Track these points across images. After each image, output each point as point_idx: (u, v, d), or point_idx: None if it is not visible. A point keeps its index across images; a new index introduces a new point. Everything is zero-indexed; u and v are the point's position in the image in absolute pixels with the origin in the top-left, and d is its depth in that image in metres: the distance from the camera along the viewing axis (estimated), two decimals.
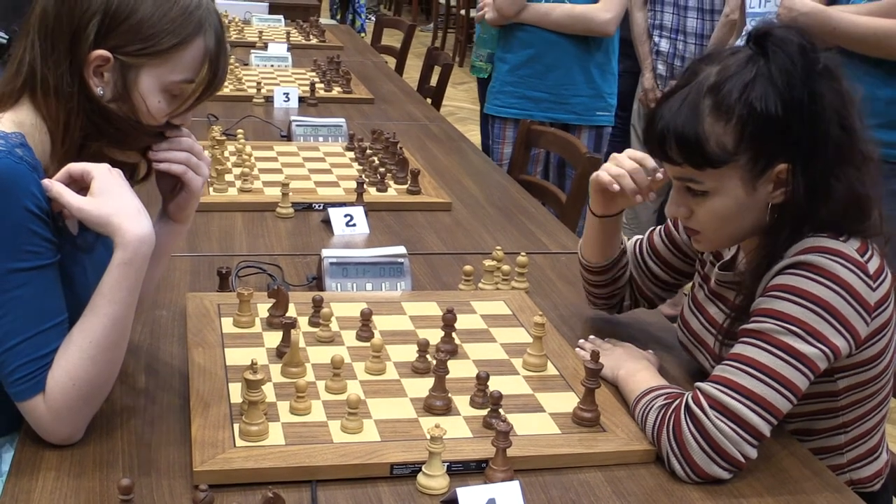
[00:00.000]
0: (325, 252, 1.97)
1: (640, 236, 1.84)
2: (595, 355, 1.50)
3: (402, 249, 2.01)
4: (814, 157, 1.41)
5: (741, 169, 1.43)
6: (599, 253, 1.77)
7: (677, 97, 1.44)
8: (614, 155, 1.67)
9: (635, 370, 1.58)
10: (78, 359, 1.32)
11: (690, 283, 1.77)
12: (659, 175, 1.61)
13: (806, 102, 1.39)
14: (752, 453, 1.38)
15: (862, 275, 1.41)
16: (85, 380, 1.33)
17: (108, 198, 1.34)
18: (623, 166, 1.64)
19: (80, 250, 1.47)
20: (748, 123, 1.40)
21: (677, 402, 1.42)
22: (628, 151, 1.66)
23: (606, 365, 1.57)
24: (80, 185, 1.36)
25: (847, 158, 1.43)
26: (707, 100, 1.41)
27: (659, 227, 1.79)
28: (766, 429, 1.38)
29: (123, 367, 1.43)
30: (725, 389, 1.38)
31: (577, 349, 1.73)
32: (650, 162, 1.62)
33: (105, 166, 1.37)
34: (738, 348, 1.42)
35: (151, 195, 1.53)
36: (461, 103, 7.93)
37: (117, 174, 1.37)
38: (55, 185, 1.33)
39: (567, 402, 1.54)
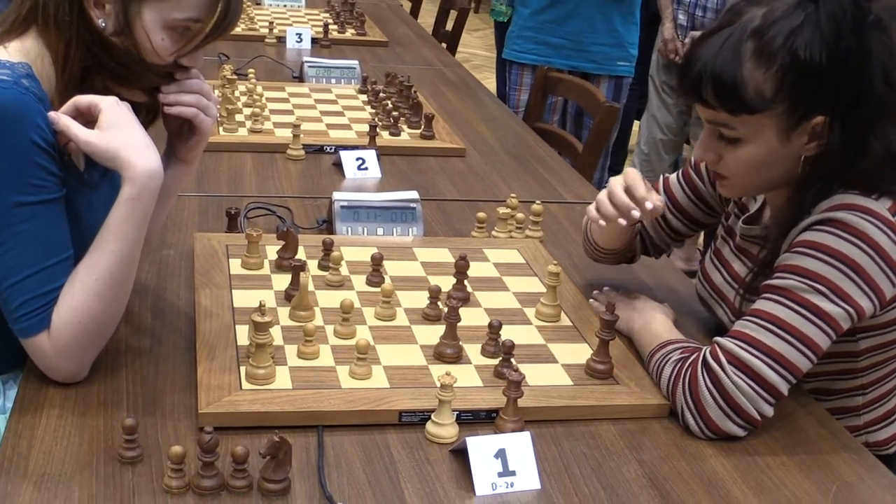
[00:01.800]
0: (336, 195, 1.93)
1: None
2: (611, 307, 1.47)
3: (414, 194, 1.97)
4: (854, 111, 1.36)
5: (777, 118, 1.37)
6: (615, 242, 1.72)
7: (717, 38, 1.38)
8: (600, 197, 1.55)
9: (651, 323, 1.55)
10: (84, 295, 1.30)
11: (703, 235, 1.71)
12: (648, 205, 1.49)
13: (853, 54, 1.34)
14: (769, 411, 1.36)
15: (892, 234, 1.36)
16: (90, 317, 1.30)
17: (117, 131, 1.30)
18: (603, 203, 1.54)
19: (87, 186, 1.43)
20: (790, 71, 1.34)
21: (694, 356, 1.39)
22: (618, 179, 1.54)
23: (621, 317, 1.54)
24: (88, 118, 1.32)
25: (888, 115, 1.38)
26: (749, 43, 1.36)
27: (674, 174, 1.74)
28: (784, 387, 1.35)
29: (129, 306, 1.40)
30: (745, 345, 1.35)
31: (592, 300, 1.70)
32: (640, 191, 1.50)
33: (113, 99, 1.33)
34: (760, 304, 1.38)
35: (158, 133, 1.49)
36: (476, 50, 7.83)
37: (126, 107, 1.34)
38: (62, 118, 1.30)
39: (580, 353, 1.52)
